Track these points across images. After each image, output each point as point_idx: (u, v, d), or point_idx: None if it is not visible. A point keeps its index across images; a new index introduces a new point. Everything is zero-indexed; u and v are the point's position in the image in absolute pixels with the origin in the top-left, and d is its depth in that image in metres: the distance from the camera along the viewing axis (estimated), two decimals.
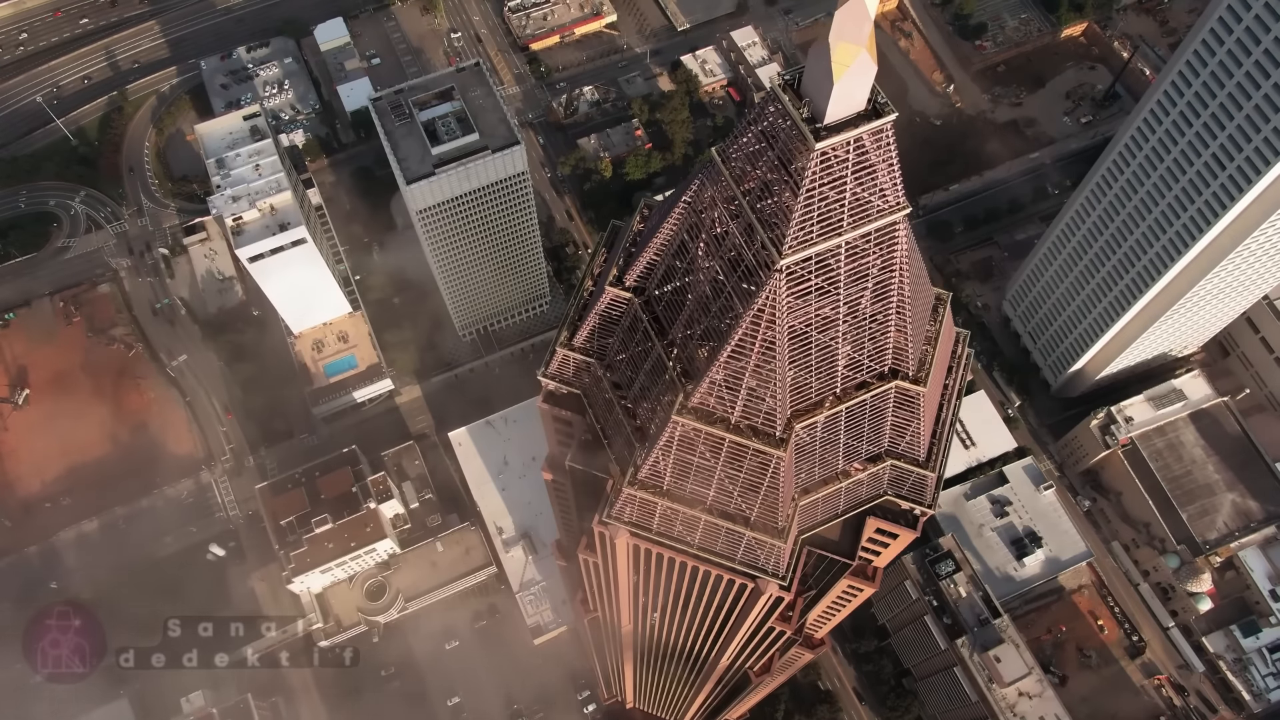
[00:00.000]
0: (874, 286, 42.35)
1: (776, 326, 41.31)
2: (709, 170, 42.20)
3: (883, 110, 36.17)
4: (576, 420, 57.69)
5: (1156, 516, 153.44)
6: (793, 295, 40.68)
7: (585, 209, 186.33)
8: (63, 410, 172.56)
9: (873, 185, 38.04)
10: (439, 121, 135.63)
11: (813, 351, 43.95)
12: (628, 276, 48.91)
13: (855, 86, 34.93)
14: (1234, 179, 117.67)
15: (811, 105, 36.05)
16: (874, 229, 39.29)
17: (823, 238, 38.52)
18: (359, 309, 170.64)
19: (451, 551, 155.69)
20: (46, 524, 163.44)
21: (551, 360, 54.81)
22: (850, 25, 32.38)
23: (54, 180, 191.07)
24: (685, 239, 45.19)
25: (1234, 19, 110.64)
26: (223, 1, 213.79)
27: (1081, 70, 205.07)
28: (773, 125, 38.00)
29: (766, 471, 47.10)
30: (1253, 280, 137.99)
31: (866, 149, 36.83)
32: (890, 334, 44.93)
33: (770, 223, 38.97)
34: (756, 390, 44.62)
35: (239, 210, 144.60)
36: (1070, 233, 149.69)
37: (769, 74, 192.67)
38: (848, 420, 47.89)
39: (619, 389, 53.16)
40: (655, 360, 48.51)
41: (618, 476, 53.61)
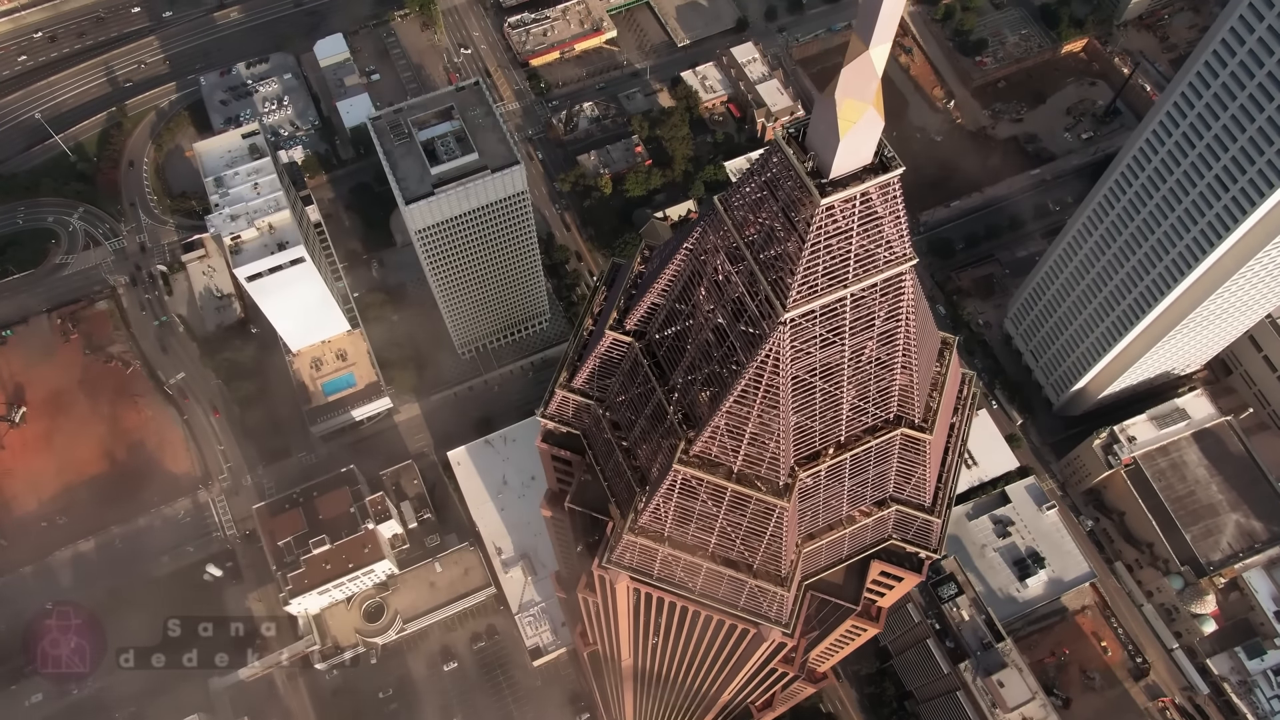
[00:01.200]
0: (880, 335, 41.55)
1: (780, 377, 40.49)
2: (711, 218, 41.43)
3: (890, 164, 35.40)
4: (576, 460, 56.79)
5: (1160, 537, 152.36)
6: (797, 346, 39.87)
7: (585, 226, 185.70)
8: (60, 428, 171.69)
9: (879, 237, 37.28)
10: (438, 141, 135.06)
11: (817, 399, 43.14)
12: (628, 320, 48.09)
13: (862, 141, 34.17)
14: (1237, 201, 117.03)
15: (817, 159, 35.31)
16: (880, 280, 38.51)
17: (827, 290, 37.75)
18: (358, 327, 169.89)
19: (450, 572, 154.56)
20: (43, 543, 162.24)
21: (550, 401, 53.92)
22: (857, 82, 31.62)
23: (52, 196, 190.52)
24: (687, 284, 44.38)
25: (1237, 42, 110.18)
26: (222, 17, 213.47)
27: (1082, 86, 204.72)
28: (776, 176, 37.24)
29: (770, 520, 46.21)
30: (1256, 300, 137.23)
31: (873, 202, 36.08)
32: (896, 381, 44.12)
33: (774, 274, 38.20)
34: (759, 439, 43.78)
35: (237, 229, 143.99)
36: (1072, 251, 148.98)
37: (769, 90, 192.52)
38: (852, 467, 47.05)
39: (619, 430, 52.33)
40: (656, 405, 47.66)
41: (618, 520, 52.71)
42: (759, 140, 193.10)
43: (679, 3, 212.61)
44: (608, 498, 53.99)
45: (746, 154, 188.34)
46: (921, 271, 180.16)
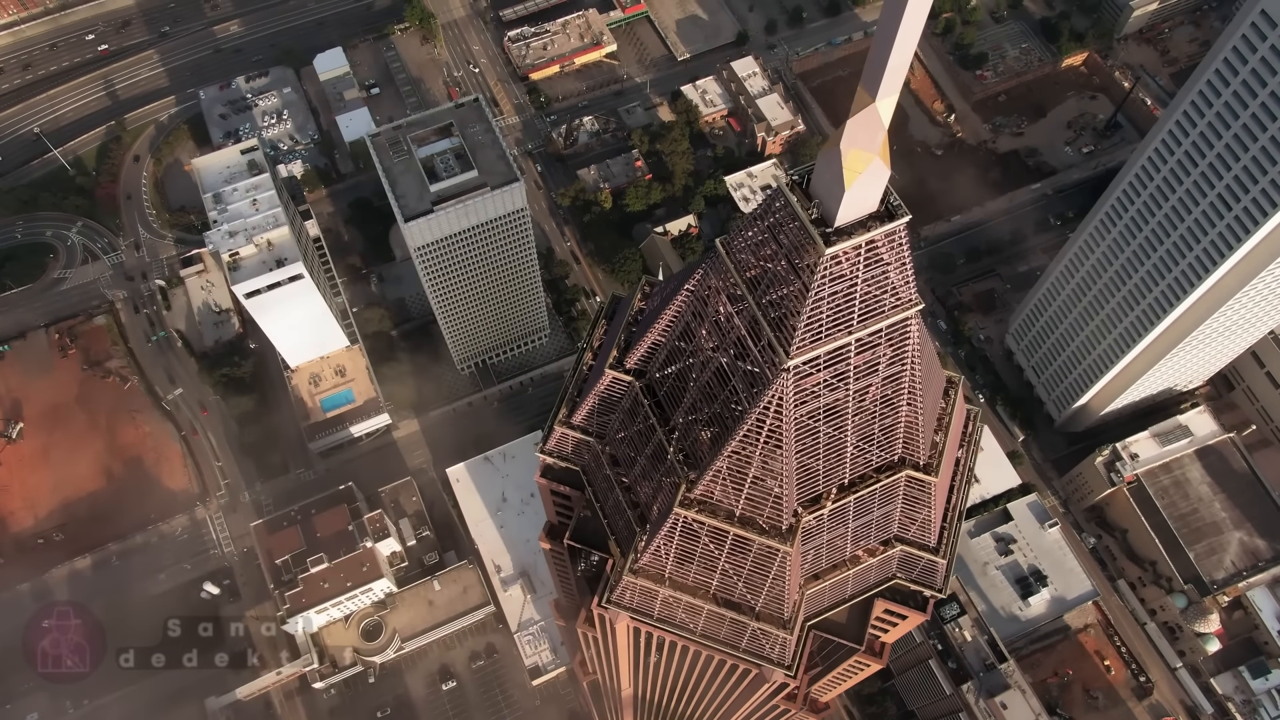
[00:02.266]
0: (884, 379, 40.87)
1: (783, 422, 39.78)
2: (713, 261, 40.78)
3: (896, 212, 34.72)
4: (575, 495, 56.02)
5: (1163, 555, 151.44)
6: (801, 391, 39.16)
7: (585, 240, 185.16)
8: (57, 444, 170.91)
9: (884, 283, 36.63)
10: (438, 158, 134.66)
11: (820, 442, 42.42)
12: (629, 358, 47.39)
13: (868, 191, 33.50)
14: (1240, 220, 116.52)
15: (821, 207, 34.66)
16: (885, 326, 37.82)
17: (832, 337, 37.07)
18: (357, 342, 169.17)
19: (449, 590, 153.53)
20: (39, 560, 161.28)
21: (549, 437, 53.17)
22: (863, 133, 30.97)
23: (51, 211, 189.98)
24: (689, 325, 43.70)
25: (1239, 61, 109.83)
26: (222, 31, 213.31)
27: (1083, 100, 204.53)
28: (780, 222, 36.60)
29: (772, 564, 45.45)
30: (1259, 317, 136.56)
31: (879, 250, 35.43)
32: (900, 423, 43.42)
33: (777, 319, 37.54)
34: (762, 482, 43.07)
35: (236, 246, 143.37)
36: (1075, 268, 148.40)
37: (769, 104, 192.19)
38: (856, 509, 46.32)
39: (618, 466, 51.60)
40: (656, 445, 46.94)
41: (618, 558, 51.91)
42: (759, 154, 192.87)
43: (679, 16, 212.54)
44: (607, 535, 53.12)
45: (747, 168, 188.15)
46: (922, 286, 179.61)
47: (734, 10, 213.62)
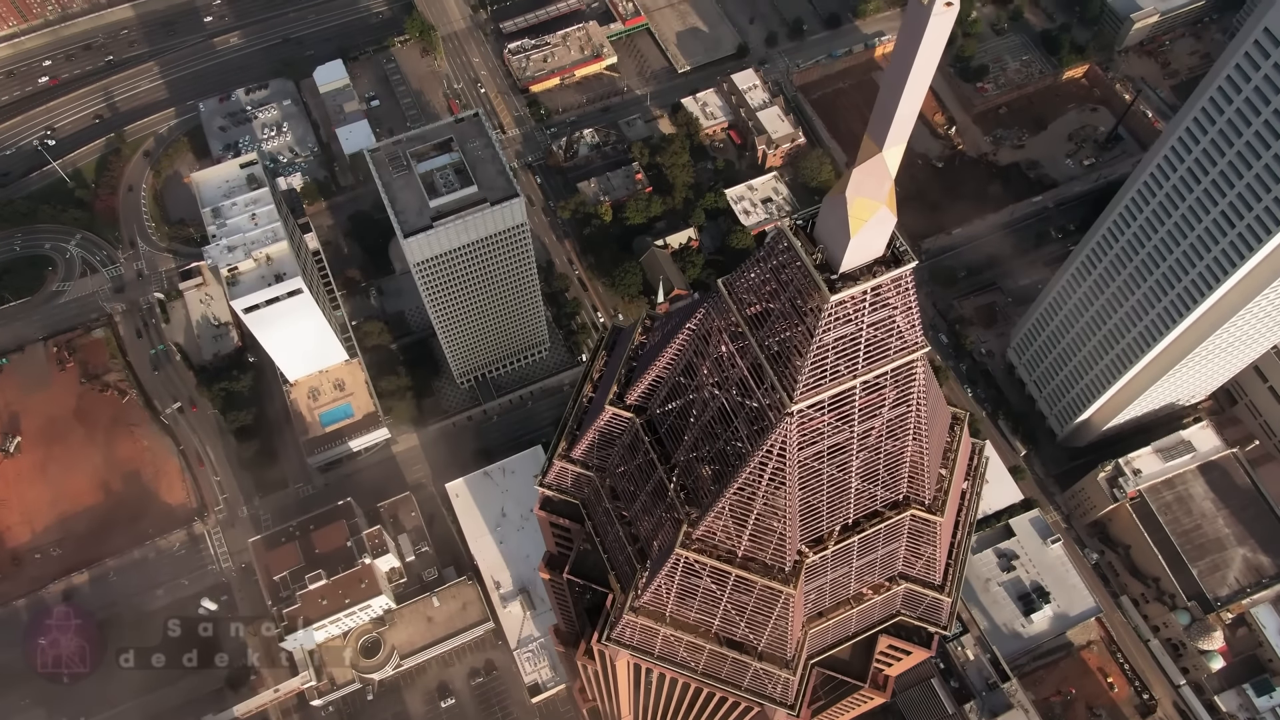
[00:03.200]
0: (889, 420, 40.19)
1: (787, 464, 39.08)
2: (715, 300, 40.14)
3: (903, 258, 34.09)
4: (575, 528, 55.30)
5: (1166, 571, 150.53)
6: (804, 434, 38.50)
7: (585, 253, 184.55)
8: (54, 458, 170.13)
9: (890, 327, 35.98)
10: (437, 173, 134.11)
11: (824, 483, 41.75)
12: (629, 394, 46.73)
13: (874, 237, 32.90)
14: (1244, 237, 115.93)
15: (826, 252, 34.04)
16: (891, 369, 37.18)
17: (836, 381, 36.41)
18: (356, 356, 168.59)
19: (448, 606, 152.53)
20: (36, 575, 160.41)
21: (549, 471, 52.45)
22: (870, 182, 30.37)
23: (50, 223, 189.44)
24: (690, 364, 43.04)
25: (1243, 79, 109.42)
26: (222, 42, 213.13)
27: (1084, 112, 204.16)
28: (783, 265, 35.97)
29: (775, 605, 44.73)
30: (1263, 333, 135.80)
31: (885, 295, 34.79)
32: (906, 463, 42.75)
33: (780, 362, 36.90)
34: (764, 523, 42.38)
35: (234, 260, 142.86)
36: (1076, 283, 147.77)
37: (770, 117, 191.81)
38: (861, 548, 45.61)
39: (618, 500, 50.91)
40: (657, 483, 46.22)
41: (618, 594, 51.16)
42: (760, 167, 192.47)
43: (679, 29, 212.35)
44: (607, 569, 52.37)
45: (747, 181, 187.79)
46: (923, 299, 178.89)
47: (734, 22, 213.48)
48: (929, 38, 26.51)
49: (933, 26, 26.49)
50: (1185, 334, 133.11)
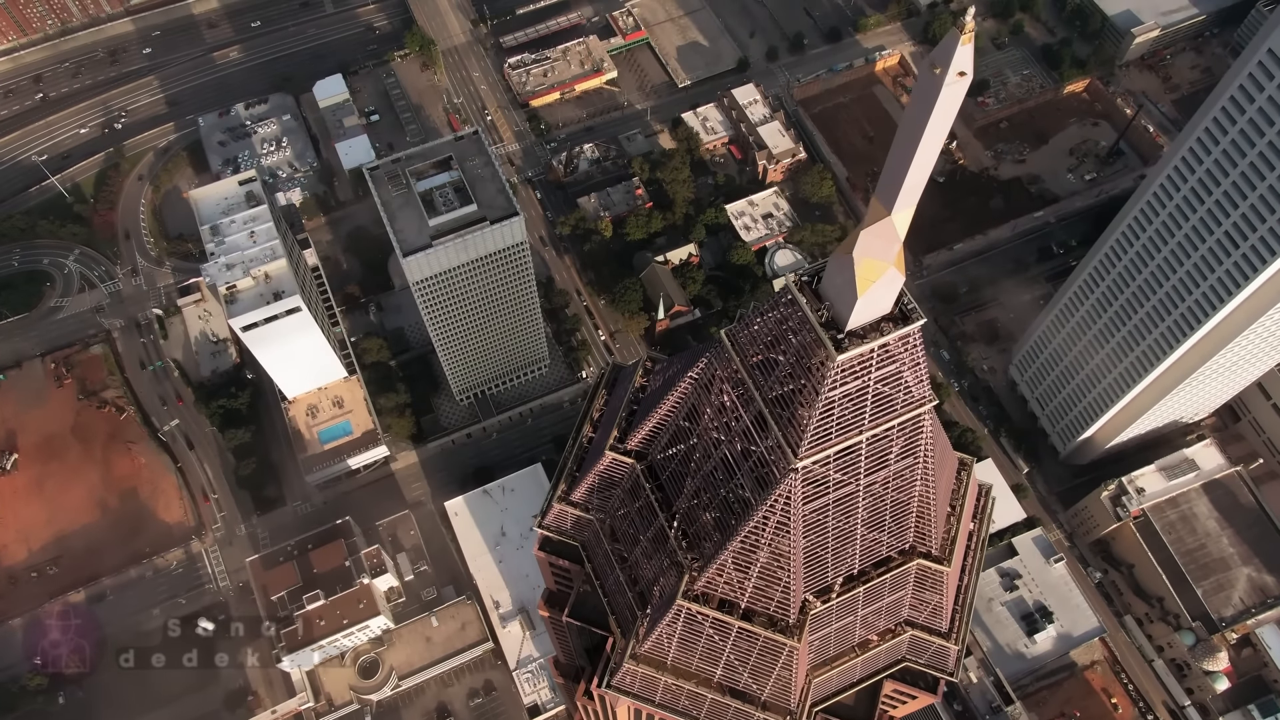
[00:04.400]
0: (896, 472, 39.33)
1: (791, 518, 38.22)
2: (718, 352, 39.34)
3: (911, 316, 33.29)
4: (575, 569, 54.39)
5: (1170, 591, 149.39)
6: (809, 489, 37.66)
7: (585, 269, 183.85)
8: (51, 475, 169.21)
9: (898, 382, 35.18)
10: (436, 192, 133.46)
11: (830, 535, 40.86)
12: (630, 439, 45.86)
13: (881, 296, 32.11)
14: (1247, 258, 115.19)
15: (832, 310, 33.25)
16: (898, 424, 36.36)
17: (842, 438, 35.59)
18: (355, 373, 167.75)
19: (447, 626, 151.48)
20: (32, 594, 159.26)
21: (548, 512, 51.56)
22: (878, 244, 29.61)
23: (48, 238, 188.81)
24: (692, 412, 42.21)
25: (1247, 99, 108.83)
26: (221, 57, 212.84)
27: (1085, 126, 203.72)
28: (788, 319, 35.17)
29: (779, 657, 43.82)
30: (1268, 352, 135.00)
31: (892, 353, 33.99)
32: (912, 512, 41.89)
33: (785, 417, 36.09)
34: (768, 575, 41.49)
35: (233, 278, 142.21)
36: (1079, 300, 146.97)
37: (770, 132, 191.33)
38: (867, 597, 44.72)
39: (618, 542, 50.05)
40: (658, 529, 45.33)
41: (618, 638, 50.23)
42: (760, 182, 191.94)
43: (680, 43, 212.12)
44: (608, 612, 51.43)
45: (748, 197, 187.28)
46: (924, 315, 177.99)
47: (735, 37, 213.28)
48: (941, 107, 25.76)
49: (945, 97, 25.77)
50: (1189, 353, 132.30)
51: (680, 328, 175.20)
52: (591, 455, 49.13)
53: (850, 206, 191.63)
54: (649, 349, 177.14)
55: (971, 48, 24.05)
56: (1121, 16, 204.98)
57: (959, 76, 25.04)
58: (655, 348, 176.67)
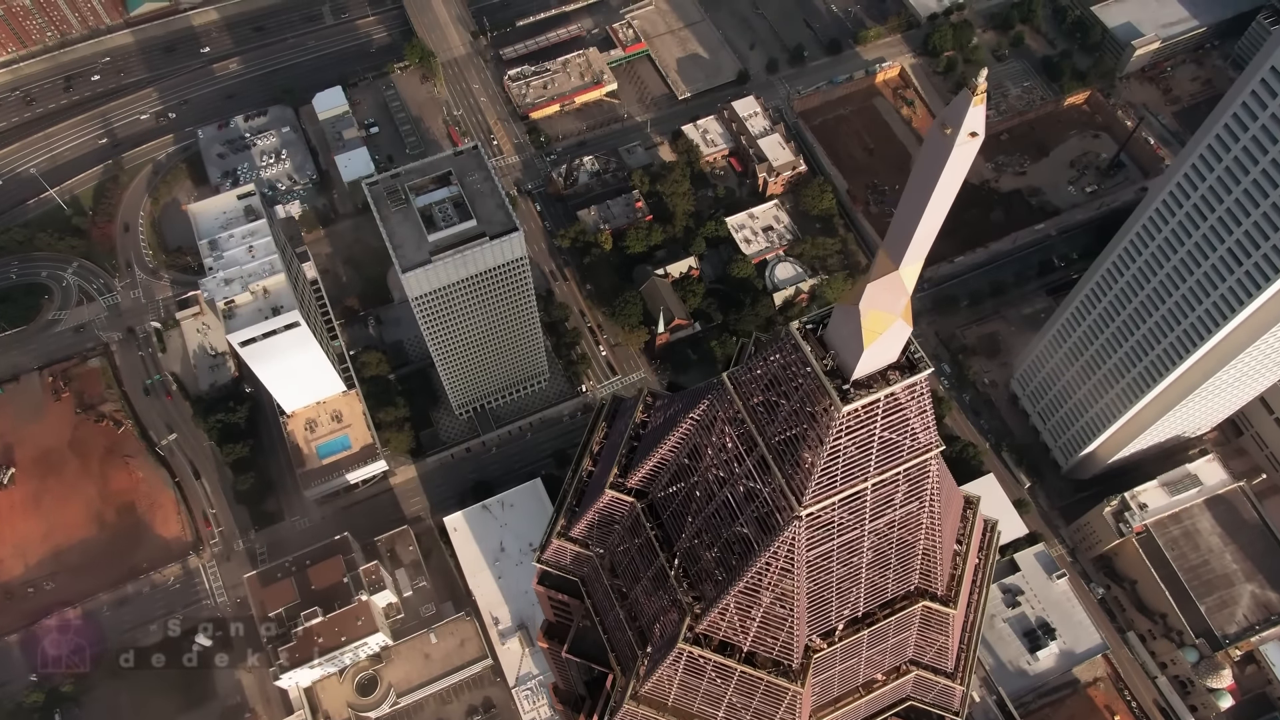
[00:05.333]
0: (901, 516, 38.64)
1: (795, 565, 37.50)
2: (720, 394, 38.67)
3: (918, 365, 32.64)
4: (575, 604, 53.62)
5: (1173, 608, 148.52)
6: (814, 535, 36.96)
7: (585, 282, 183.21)
8: (48, 490, 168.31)
9: (904, 429, 34.51)
10: (436, 207, 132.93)
11: (834, 579, 40.14)
12: (631, 478, 45.16)
13: (888, 347, 31.46)
14: (1250, 275, 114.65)
15: (837, 358, 32.60)
16: (903, 470, 35.68)
17: (847, 485, 34.91)
18: (354, 387, 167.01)
19: (446, 643, 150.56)
20: (28, 609, 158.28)
21: (547, 548, 50.84)
22: (885, 297, 28.99)
23: (47, 251, 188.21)
24: (694, 453, 41.53)
25: (1250, 117, 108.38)
26: (221, 69, 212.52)
27: (1085, 138, 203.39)
28: (791, 363, 34.51)
29: (782, 701, 43.04)
30: (1272, 368, 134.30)
31: (899, 402, 33.33)
32: (918, 555, 41.19)
33: (789, 464, 35.41)
34: (771, 619, 40.74)
35: (231, 293, 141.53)
36: (1081, 315, 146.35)
37: (771, 145, 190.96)
38: (871, 639, 43.97)
39: (618, 578, 49.32)
40: (659, 569, 44.58)
41: (618, 676, 49.45)
42: (761, 195, 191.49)
43: (680, 55, 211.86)
44: (608, 649, 50.65)
45: (748, 209, 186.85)
46: (925, 329, 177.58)
47: (735, 49, 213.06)
48: (952, 167, 25.15)
49: (956, 157, 25.15)
50: (1192, 369, 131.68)
51: (680, 341, 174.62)
52: (591, 491, 48.44)
53: (850, 219, 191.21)
54: (649, 363, 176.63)
55: (983, 109, 23.51)
56: (1122, 29, 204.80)
57: (970, 137, 24.46)
58: (655, 361, 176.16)
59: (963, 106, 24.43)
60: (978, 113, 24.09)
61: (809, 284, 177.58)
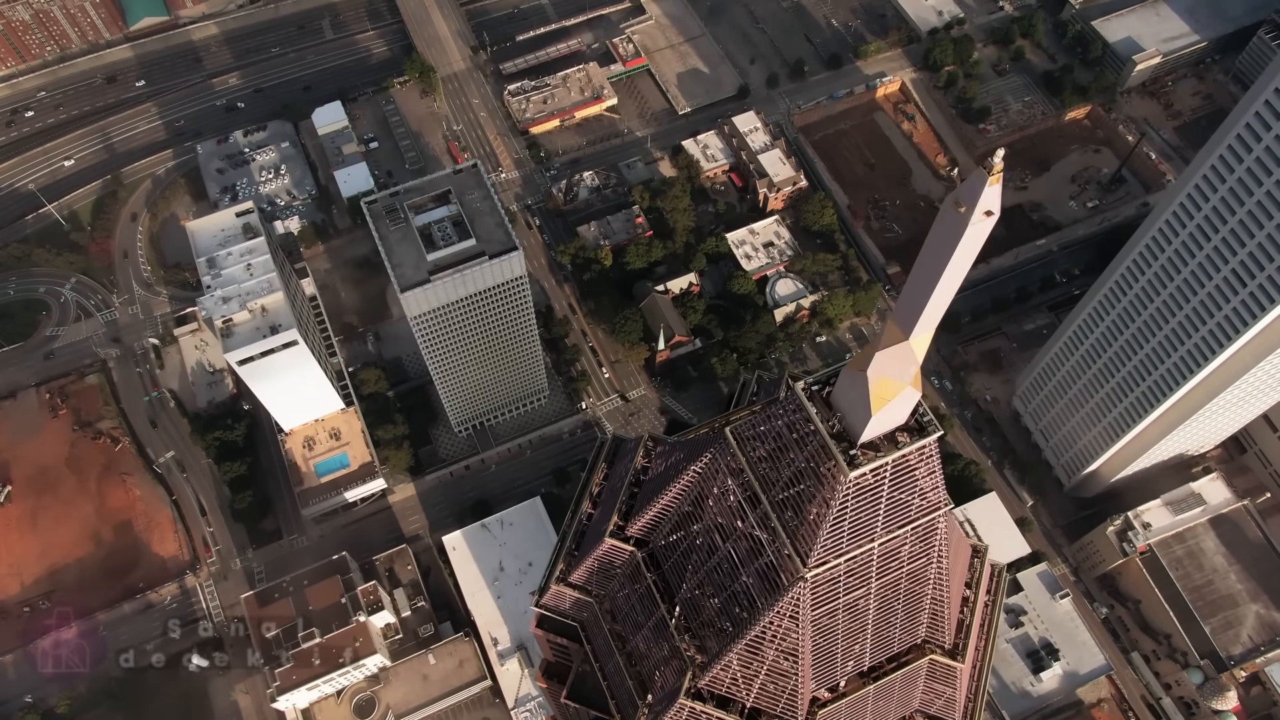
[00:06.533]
0: (909, 573, 37.77)
1: (800, 625, 36.60)
2: (723, 448, 37.80)
3: (927, 428, 31.80)
4: (574, 648, 52.67)
5: (1178, 628, 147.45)
6: (819, 595, 36.07)
7: (585, 298, 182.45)
8: (45, 507, 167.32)
9: (912, 488, 33.66)
10: (435, 226, 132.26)
11: (839, 635, 39.24)
12: (631, 527, 44.28)
13: (896, 411, 30.63)
14: (1254, 298, 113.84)
15: (844, 421, 31.76)
16: (910, 530, 34.82)
17: (853, 546, 34.04)
18: (352, 404, 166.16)
19: (444, 664, 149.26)
20: (24, 629, 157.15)
21: (546, 592, 49.91)
22: (894, 365, 28.18)
23: (45, 266, 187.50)
24: (696, 503, 40.65)
25: (1253, 138, 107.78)
26: (220, 83, 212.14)
27: (1086, 153, 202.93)
28: (795, 424, 33.67)
29: None
30: (1276, 387, 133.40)
31: (908, 462, 32.48)
32: (925, 610, 40.29)
33: (794, 523, 34.54)
34: (775, 675, 39.83)
35: (229, 312, 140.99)
36: (1084, 334, 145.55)
37: (771, 160, 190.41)
38: (877, 694, 43.02)
39: (617, 622, 48.37)
40: (659, 620, 43.67)
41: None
42: (761, 211, 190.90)
43: (680, 70, 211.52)
44: (607, 696, 49.68)
45: (749, 225, 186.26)
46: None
47: (735, 64, 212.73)
48: (965, 245, 24.39)
49: (970, 235, 24.40)
50: (1196, 389, 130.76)
51: (681, 358, 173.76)
52: (591, 536, 47.57)
53: (851, 235, 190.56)
54: (650, 379, 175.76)
55: (999, 188, 22.80)
56: (1123, 43, 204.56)
57: (985, 216, 23.72)
58: (656, 378, 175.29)
59: (978, 185, 23.73)
60: (993, 192, 23.41)
61: (809, 300, 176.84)
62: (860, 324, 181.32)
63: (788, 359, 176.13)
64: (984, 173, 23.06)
